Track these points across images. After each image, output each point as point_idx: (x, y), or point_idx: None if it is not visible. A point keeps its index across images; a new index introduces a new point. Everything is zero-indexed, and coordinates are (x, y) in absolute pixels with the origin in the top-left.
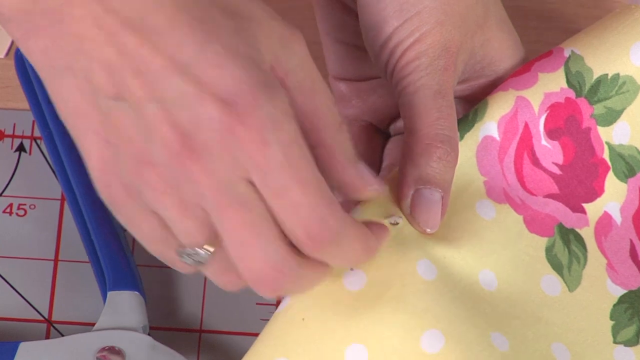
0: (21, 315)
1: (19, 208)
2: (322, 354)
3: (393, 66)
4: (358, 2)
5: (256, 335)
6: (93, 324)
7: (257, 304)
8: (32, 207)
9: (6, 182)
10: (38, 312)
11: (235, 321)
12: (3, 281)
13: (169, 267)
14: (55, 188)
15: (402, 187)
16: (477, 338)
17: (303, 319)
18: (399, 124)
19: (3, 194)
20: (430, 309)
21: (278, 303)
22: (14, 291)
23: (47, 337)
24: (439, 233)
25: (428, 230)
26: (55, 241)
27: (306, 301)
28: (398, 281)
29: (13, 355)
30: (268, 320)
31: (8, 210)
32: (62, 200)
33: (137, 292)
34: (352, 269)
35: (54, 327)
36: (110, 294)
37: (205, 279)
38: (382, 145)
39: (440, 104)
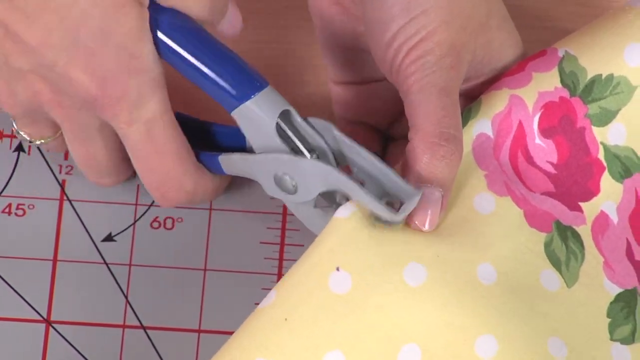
0: (20, 315)
1: (17, 208)
2: (302, 358)
3: (398, 64)
4: (363, 1)
5: None
6: (91, 324)
7: (255, 304)
8: (31, 207)
9: (5, 182)
10: (37, 312)
11: (235, 321)
12: (2, 281)
13: (168, 267)
14: (54, 188)
15: None
16: (459, 348)
17: (286, 319)
18: (400, 125)
19: (2, 194)
20: (412, 319)
21: None
22: (13, 291)
23: (47, 337)
24: (433, 231)
25: (425, 229)
26: (54, 241)
27: (290, 300)
28: (383, 288)
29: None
30: None
31: (7, 210)
32: (62, 200)
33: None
34: (338, 269)
35: (52, 327)
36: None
37: (204, 279)
38: (384, 147)
39: (445, 102)
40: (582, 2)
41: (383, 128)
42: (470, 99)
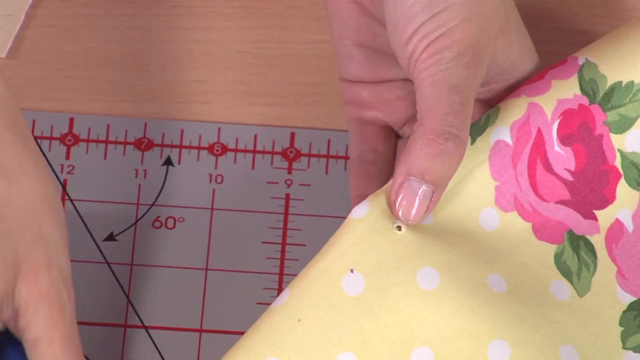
0: None
1: None
2: (314, 359)
3: (416, 59)
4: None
5: None
6: (93, 324)
7: (257, 303)
8: None
9: None
10: None
11: (235, 321)
12: None
13: (168, 267)
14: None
15: (396, 175)
16: (471, 353)
17: (299, 320)
18: (411, 125)
19: None
20: (424, 323)
21: None
22: None
23: None
24: (443, 239)
25: (409, 221)
26: None
27: (304, 301)
28: (396, 290)
29: None
30: None
31: None
32: (63, 199)
33: None
34: (352, 271)
35: None
36: None
37: (206, 279)
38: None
39: (453, 100)
40: (586, 3)
41: (399, 127)
42: (489, 106)
